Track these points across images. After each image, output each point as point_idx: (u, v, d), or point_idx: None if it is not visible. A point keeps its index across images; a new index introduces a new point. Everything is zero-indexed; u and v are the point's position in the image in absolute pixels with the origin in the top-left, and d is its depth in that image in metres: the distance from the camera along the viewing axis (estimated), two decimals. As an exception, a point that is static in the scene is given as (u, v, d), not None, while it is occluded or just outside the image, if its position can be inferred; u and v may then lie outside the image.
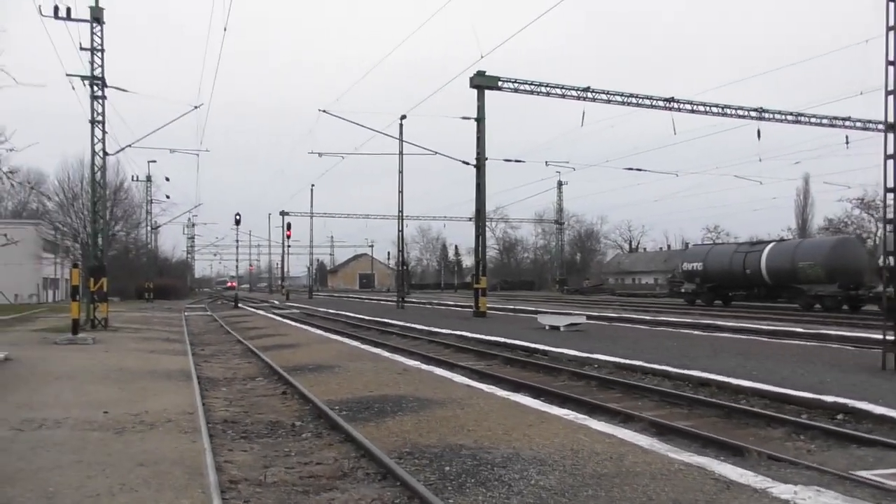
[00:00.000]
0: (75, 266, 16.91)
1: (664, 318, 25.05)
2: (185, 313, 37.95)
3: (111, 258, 57.59)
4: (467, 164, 26.53)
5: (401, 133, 34.18)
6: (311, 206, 62.45)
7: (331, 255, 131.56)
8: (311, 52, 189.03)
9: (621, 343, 15.81)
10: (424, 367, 12.20)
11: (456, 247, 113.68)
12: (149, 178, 58.64)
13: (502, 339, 16.93)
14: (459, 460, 5.87)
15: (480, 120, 26.12)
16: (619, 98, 27.83)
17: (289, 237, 62.55)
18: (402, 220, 36.15)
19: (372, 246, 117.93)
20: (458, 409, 8.09)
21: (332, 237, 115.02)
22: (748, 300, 37.86)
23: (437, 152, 27.84)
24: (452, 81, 34.87)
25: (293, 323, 27.15)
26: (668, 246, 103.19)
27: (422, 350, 16.70)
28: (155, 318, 30.56)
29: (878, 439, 6.91)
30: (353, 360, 13.38)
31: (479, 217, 25.68)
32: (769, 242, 39.53)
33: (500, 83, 26.41)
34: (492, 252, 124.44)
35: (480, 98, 26.20)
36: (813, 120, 30.93)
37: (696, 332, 19.25)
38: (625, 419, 8.31)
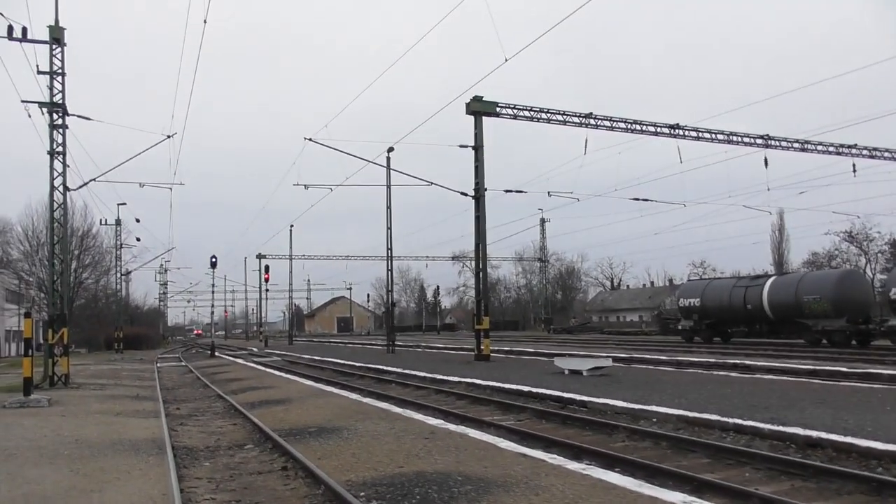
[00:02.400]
0: (27, 315, 14.54)
1: (682, 357, 23.10)
2: (158, 364, 35.22)
3: (78, 307, 54.69)
4: (465, 195, 24.69)
5: (388, 165, 32.45)
6: (291, 246, 60.10)
7: (307, 298, 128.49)
8: (294, 84, 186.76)
9: (662, 390, 13.79)
10: (452, 427, 10.03)
11: (437, 287, 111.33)
12: (118, 222, 55.92)
13: (523, 388, 14.81)
14: None
15: (478, 148, 24.40)
16: (622, 125, 26.36)
17: (267, 280, 59.93)
18: (391, 258, 34.11)
19: (350, 288, 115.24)
20: (532, 496, 5.98)
21: (308, 280, 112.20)
22: (749, 336, 36.26)
23: (431, 182, 26.03)
24: (446, 108, 33.26)
25: (277, 373, 24.73)
26: (651, 283, 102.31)
27: (433, 403, 14.50)
28: (124, 372, 27.87)
29: None
30: (361, 420, 11.18)
31: (480, 252, 23.74)
32: (770, 276, 38.14)
33: (497, 108, 24.80)
34: (471, 292, 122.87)
35: (478, 125, 24.52)
36: (819, 147, 29.74)
37: (733, 375, 17.31)
38: (742, 499, 6.28)
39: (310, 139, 25.33)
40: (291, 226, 59.08)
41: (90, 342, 53.62)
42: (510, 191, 26.69)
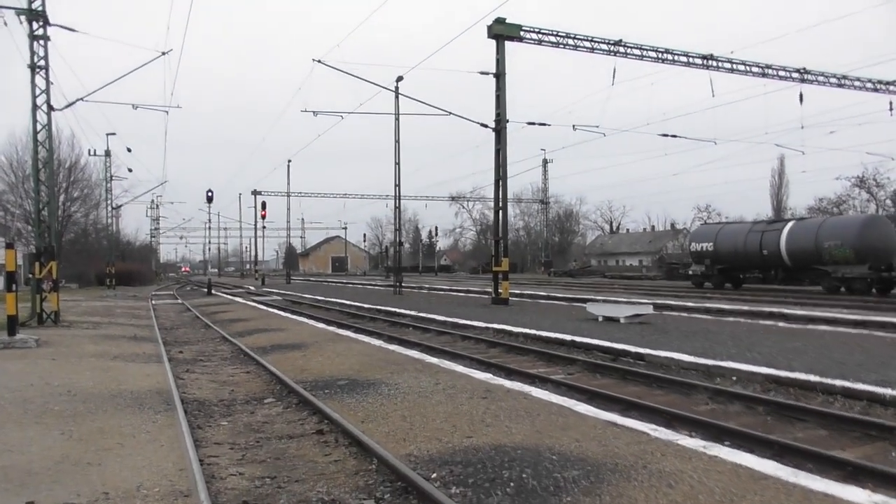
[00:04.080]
0: (9, 246, 12.95)
1: (710, 304, 21.83)
2: (153, 302, 33.84)
3: (68, 242, 52.86)
4: (485, 126, 22.88)
5: (397, 96, 30.47)
6: (288, 183, 58.07)
7: (302, 237, 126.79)
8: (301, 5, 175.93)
9: (720, 341, 12.47)
10: (508, 383, 8.66)
11: (436, 228, 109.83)
12: (107, 153, 53.63)
13: (563, 336, 13.48)
14: None
15: (500, 75, 22.46)
16: (652, 54, 24.38)
17: (263, 217, 58.16)
18: (399, 197, 32.46)
19: (346, 228, 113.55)
20: (665, 488, 4.60)
21: (303, 219, 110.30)
22: (764, 283, 35.20)
23: (450, 112, 24.12)
24: (465, 33, 31.00)
25: (282, 313, 23.37)
26: (653, 227, 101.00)
27: (463, 350, 13.17)
28: (118, 309, 26.47)
29: None
30: (397, 371, 9.80)
31: (501, 188, 22.09)
32: (788, 221, 36.75)
33: (521, 32, 22.75)
34: (469, 234, 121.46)
35: (500, 50, 22.53)
36: (857, 84, 27.88)
37: (782, 325, 16.03)
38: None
39: (319, 61, 23.32)
40: (289, 161, 56.95)
41: (81, 278, 52.00)
42: (533, 123, 24.88)
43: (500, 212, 22.74)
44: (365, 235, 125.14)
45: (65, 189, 50.24)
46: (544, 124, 25.08)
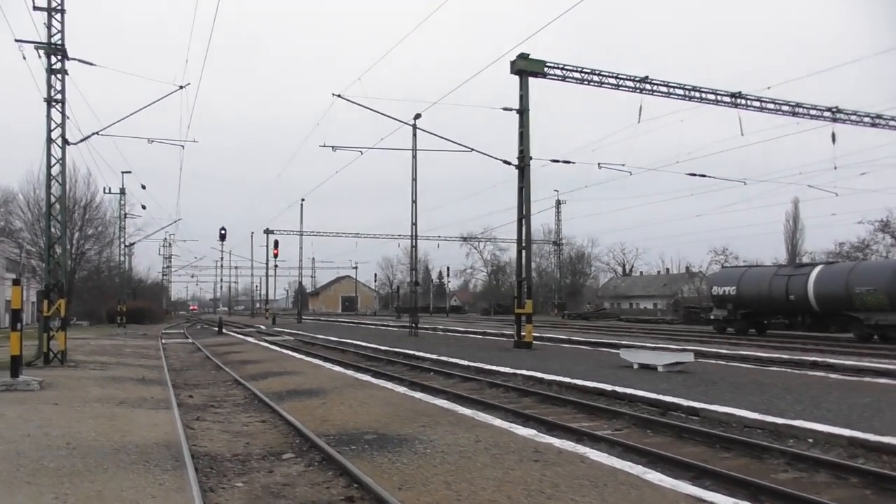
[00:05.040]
0: (15, 283, 12.20)
1: (744, 352, 20.75)
2: (163, 341, 33.00)
3: (81, 279, 52.38)
4: (508, 163, 22.22)
5: (415, 133, 30.04)
6: (301, 221, 57.62)
7: (312, 277, 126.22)
8: (319, 41, 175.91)
9: (777, 395, 11.45)
10: (557, 442, 7.71)
11: (447, 269, 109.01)
12: (122, 192, 53.56)
13: (602, 386, 12.49)
14: None
15: (524, 111, 21.88)
16: (679, 91, 23.79)
17: (276, 256, 57.61)
18: (416, 236, 31.72)
19: (356, 267, 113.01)
20: None
21: (313, 259, 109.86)
22: (791, 329, 33.94)
23: (472, 149, 23.53)
24: (485, 71, 30.75)
25: (295, 354, 22.47)
26: (667, 270, 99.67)
27: (492, 399, 12.20)
28: (127, 348, 25.63)
29: None
30: (429, 424, 8.87)
31: (524, 226, 21.30)
32: (816, 265, 35.68)
33: (545, 68, 22.25)
34: (480, 274, 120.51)
35: (524, 86, 21.99)
36: (892, 123, 27.14)
37: (834, 376, 14.96)
38: None
39: (338, 95, 22.86)
40: (303, 200, 56.63)
41: (92, 315, 51.43)
42: (556, 160, 24.20)
43: (524, 251, 21.92)
44: (376, 275, 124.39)
45: (79, 227, 49.97)
46: (568, 162, 24.40)
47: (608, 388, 12.16)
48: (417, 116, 30.02)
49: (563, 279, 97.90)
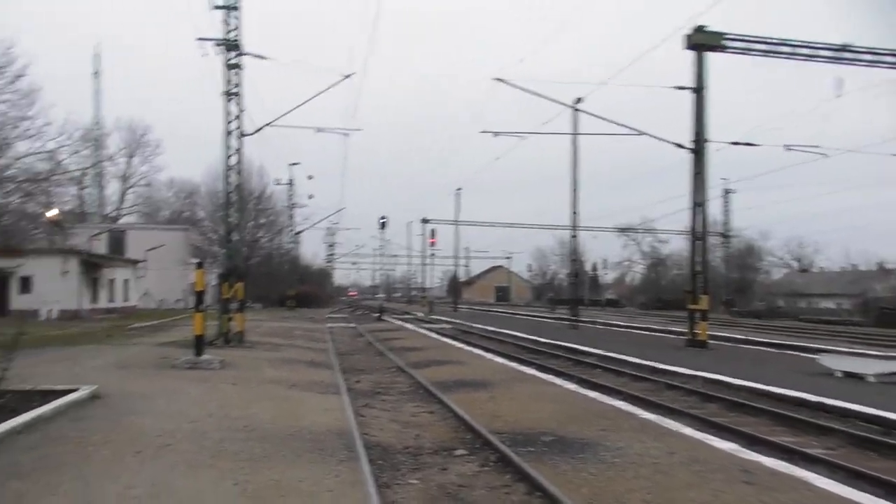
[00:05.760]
0: (199, 266, 12.89)
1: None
2: (328, 325, 34.45)
3: (255, 265, 56.41)
4: (681, 146, 20.60)
5: (575, 119, 28.93)
6: (457, 212, 58.02)
7: (465, 266, 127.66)
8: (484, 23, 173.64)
9: None
10: (766, 461, 6.65)
11: (604, 261, 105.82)
12: (290, 183, 56.99)
13: (800, 395, 10.99)
14: None
15: (700, 90, 20.15)
16: (889, 59, 20.79)
17: (432, 244, 58.63)
18: (577, 226, 30.62)
19: (510, 258, 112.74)
20: None
21: (468, 248, 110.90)
22: None
23: (642, 132, 22.10)
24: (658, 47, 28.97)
25: (454, 343, 22.35)
26: (853, 265, 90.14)
27: (678, 404, 11.08)
28: (297, 331, 26.86)
29: None
30: (608, 427, 8.09)
31: (700, 215, 19.65)
32: None
33: (723, 41, 20.33)
34: (638, 267, 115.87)
35: (699, 62, 20.24)
36: None
37: None
38: None
39: (500, 80, 22.39)
40: (459, 189, 56.93)
41: (264, 299, 55.17)
42: (737, 143, 22.10)
43: (699, 242, 20.24)
44: (529, 265, 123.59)
45: (253, 216, 53.77)
46: (751, 144, 22.19)
47: (812, 398, 10.65)
48: (579, 100, 28.88)
49: (730, 274, 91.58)
